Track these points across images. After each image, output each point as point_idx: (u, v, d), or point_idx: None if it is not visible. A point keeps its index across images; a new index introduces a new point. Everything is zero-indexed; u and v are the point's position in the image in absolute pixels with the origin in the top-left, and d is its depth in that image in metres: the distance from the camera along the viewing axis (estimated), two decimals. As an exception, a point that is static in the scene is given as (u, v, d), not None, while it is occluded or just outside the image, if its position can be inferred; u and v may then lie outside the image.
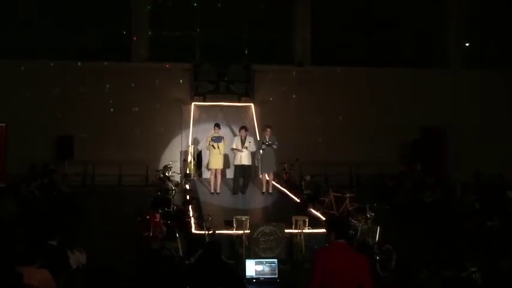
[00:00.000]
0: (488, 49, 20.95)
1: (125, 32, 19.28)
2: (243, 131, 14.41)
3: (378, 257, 9.96)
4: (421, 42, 21.02)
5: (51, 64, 18.18)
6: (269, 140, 14.12)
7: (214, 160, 14.41)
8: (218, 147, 14.37)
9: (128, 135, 18.73)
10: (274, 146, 14.08)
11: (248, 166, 14.41)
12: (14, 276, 5.43)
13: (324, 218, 11.95)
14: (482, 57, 20.91)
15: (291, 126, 18.85)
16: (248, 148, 14.15)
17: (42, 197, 13.19)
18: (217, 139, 14.37)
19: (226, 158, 15.06)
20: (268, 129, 14.35)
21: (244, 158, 14.19)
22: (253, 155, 14.88)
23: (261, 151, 14.36)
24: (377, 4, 20.60)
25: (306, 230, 10.60)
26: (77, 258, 7.01)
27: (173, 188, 14.39)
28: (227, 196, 14.25)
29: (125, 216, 12.58)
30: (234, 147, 14.28)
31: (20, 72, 18.27)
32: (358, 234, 10.64)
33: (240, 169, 14.28)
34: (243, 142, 14.17)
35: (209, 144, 14.46)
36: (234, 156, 14.46)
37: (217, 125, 14.81)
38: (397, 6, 20.44)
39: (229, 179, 15.29)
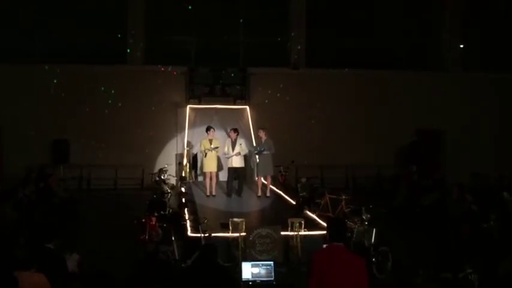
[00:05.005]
0: (485, 52, 20.97)
1: (120, 36, 19.22)
2: (233, 133, 14.40)
3: (374, 259, 9.95)
4: (417, 44, 21.06)
5: (47, 68, 18.12)
6: (264, 144, 14.12)
7: (208, 163, 14.40)
8: (211, 151, 14.34)
9: (123, 138, 18.68)
10: (266, 152, 14.05)
11: (241, 168, 14.44)
12: (9, 281, 5.39)
13: (319, 220, 11.97)
14: (479, 59, 20.92)
15: (287, 129, 18.84)
16: (238, 150, 14.14)
17: (39, 201, 13.13)
18: (211, 149, 14.33)
19: (219, 160, 15.06)
20: (262, 132, 14.35)
21: (236, 161, 14.19)
22: (246, 156, 14.89)
23: (257, 157, 14.35)
24: (373, 7, 20.61)
25: (302, 232, 10.60)
26: (70, 262, 7.00)
27: (169, 191, 14.42)
28: (223, 199, 14.25)
29: (120, 219, 12.59)
30: (226, 151, 14.27)
31: (16, 75, 18.23)
32: (354, 236, 10.63)
33: (233, 171, 14.30)
34: (233, 144, 14.17)
35: (204, 150, 14.44)
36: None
37: (210, 128, 14.70)
38: (394, 8, 20.47)
39: (222, 181, 15.25)
